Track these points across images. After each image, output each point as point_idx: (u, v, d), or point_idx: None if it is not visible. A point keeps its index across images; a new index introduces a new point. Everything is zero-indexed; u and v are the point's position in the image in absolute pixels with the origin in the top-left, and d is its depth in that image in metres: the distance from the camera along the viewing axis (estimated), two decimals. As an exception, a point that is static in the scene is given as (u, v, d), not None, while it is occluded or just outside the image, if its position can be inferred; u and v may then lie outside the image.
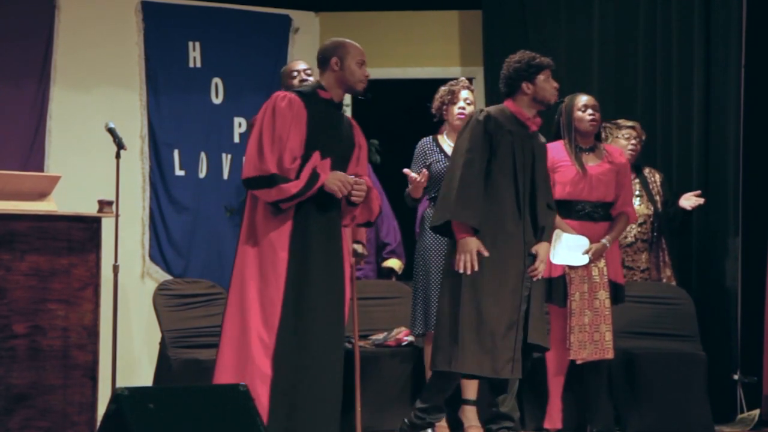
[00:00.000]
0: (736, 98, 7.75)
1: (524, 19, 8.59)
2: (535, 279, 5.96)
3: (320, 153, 5.49)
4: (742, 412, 7.57)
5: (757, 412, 7.46)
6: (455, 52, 9.07)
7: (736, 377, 7.60)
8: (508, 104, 6.09)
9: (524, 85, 6.03)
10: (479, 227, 5.85)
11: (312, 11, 8.96)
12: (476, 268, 5.81)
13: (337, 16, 9.02)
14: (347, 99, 8.69)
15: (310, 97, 5.59)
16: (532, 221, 5.99)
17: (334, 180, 5.47)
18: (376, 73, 9.02)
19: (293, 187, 5.40)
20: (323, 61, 5.66)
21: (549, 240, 6.08)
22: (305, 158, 5.46)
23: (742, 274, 7.70)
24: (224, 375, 5.44)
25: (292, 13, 8.82)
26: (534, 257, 5.97)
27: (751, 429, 7.37)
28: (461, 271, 5.82)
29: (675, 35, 8.01)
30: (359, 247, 6.92)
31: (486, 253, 5.83)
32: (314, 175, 5.43)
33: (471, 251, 5.82)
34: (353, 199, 5.55)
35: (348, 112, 8.78)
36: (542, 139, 6.19)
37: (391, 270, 7.72)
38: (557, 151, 6.66)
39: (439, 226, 5.95)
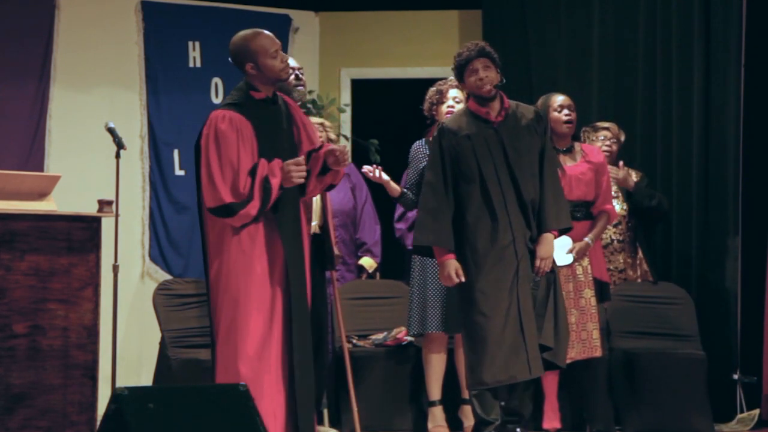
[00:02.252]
0: (736, 98, 7.75)
1: (524, 19, 8.58)
2: (537, 277, 5.87)
3: (267, 158, 5.32)
4: (742, 412, 7.57)
5: (757, 412, 7.46)
6: (455, 52, 9.04)
7: (736, 377, 7.60)
8: (469, 103, 6.03)
9: (464, 86, 6.06)
10: (445, 246, 5.82)
11: (312, 11, 8.96)
12: (457, 280, 5.82)
13: (337, 16, 9.02)
14: (346, 98, 8.78)
15: (247, 105, 5.41)
16: (521, 211, 5.86)
17: (288, 175, 5.31)
18: (376, 73, 9.09)
19: (252, 209, 5.26)
20: (239, 66, 5.46)
21: (554, 224, 5.90)
22: (252, 172, 5.29)
23: (742, 274, 7.70)
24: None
25: (292, 13, 8.82)
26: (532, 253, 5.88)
27: (751, 429, 7.38)
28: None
29: (675, 35, 8.01)
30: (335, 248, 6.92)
31: (462, 279, 5.81)
32: (266, 187, 5.27)
33: (450, 277, 5.84)
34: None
35: (348, 112, 8.80)
36: (526, 116, 5.95)
37: (362, 268, 7.69)
38: None
39: (419, 248, 6.01)
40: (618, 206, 7.38)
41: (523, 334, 5.77)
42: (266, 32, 5.48)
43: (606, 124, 7.56)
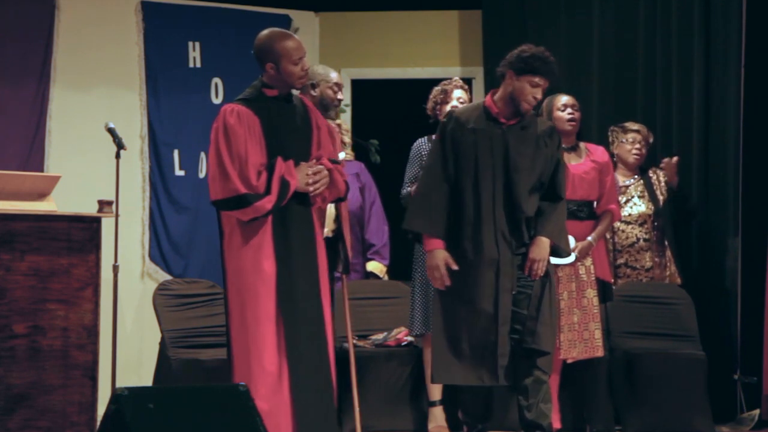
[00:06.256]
0: (736, 98, 7.74)
1: (524, 19, 8.59)
2: (533, 278, 5.71)
3: (282, 156, 5.40)
4: (742, 412, 7.57)
5: (757, 412, 7.45)
6: (455, 52, 9.06)
7: (736, 377, 7.60)
8: (488, 97, 5.81)
9: (508, 77, 5.70)
10: (437, 235, 5.68)
11: (312, 11, 8.96)
12: (447, 282, 5.68)
13: (337, 16, 9.02)
14: (347, 99, 8.78)
15: (257, 100, 5.49)
16: (510, 220, 5.68)
17: (303, 180, 5.41)
18: (376, 73, 9.09)
19: (267, 203, 5.34)
20: (259, 61, 5.54)
21: (551, 235, 5.72)
22: (270, 168, 5.38)
23: (742, 274, 7.69)
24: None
25: (292, 13, 8.82)
26: (525, 256, 5.72)
27: (751, 429, 7.38)
28: (436, 286, 5.76)
29: (675, 35, 8.01)
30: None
31: (454, 267, 5.66)
32: (284, 185, 5.36)
33: (438, 267, 5.68)
34: (318, 188, 5.48)
35: (348, 112, 8.80)
36: (540, 128, 5.75)
37: (372, 273, 7.68)
38: None
39: (410, 232, 5.84)
40: (644, 206, 7.40)
41: (497, 342, 5.67)
42: (295, 37, 5.56)
43: (636, 126, 7.52)
